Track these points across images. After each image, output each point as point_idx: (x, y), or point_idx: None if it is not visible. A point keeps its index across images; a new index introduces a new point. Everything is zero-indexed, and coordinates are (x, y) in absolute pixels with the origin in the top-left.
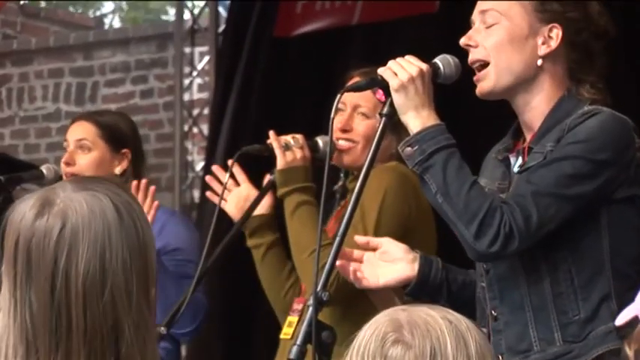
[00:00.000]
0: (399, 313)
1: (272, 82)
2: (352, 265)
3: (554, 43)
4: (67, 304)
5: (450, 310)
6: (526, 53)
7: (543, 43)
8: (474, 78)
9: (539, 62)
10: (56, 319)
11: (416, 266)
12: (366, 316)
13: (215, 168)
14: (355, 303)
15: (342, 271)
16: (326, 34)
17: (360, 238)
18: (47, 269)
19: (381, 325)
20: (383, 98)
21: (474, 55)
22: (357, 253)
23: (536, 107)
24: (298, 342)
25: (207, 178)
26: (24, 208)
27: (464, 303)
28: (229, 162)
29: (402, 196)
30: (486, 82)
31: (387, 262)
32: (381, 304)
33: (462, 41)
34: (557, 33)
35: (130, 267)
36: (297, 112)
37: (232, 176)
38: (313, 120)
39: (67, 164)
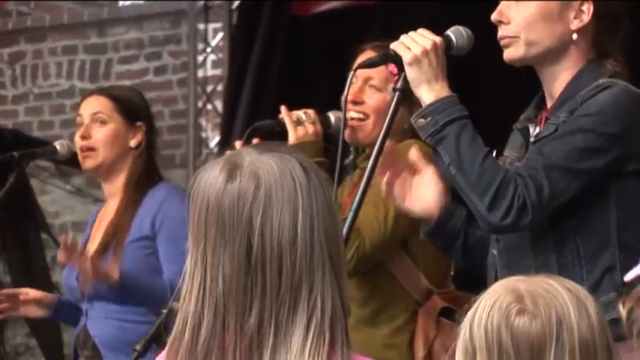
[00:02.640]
0: (517, 283)
1: (289, 59)
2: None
3: (586, 18)
4: (262, 265)
5: (565, 279)
6: (559, 29)
7: (575, 18)
8: (501, 43)
9: (574, 37)
10: (251, 280)
11: (445, 205)
12: (391, 296)
13: (238, 144)
14: (379, 282)
15: (388, 190)
16: (343, 12)
17: (413, 155)
18: (243, 231)
19: (502, 295)
20: (394, 70)
21: (504, 32)
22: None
23: (562, 78)
24: None
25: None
26: (211, 175)
27: (477, 258)
28: (237, 143)
29: None
30: (515, 50)
31: (419, 191)
32: (406, 281)
33: (493, 17)
34: (588, 7)
35: (320, 224)
36: (314, 89)
37: None
38: (330, 97)
39: (83, 137)
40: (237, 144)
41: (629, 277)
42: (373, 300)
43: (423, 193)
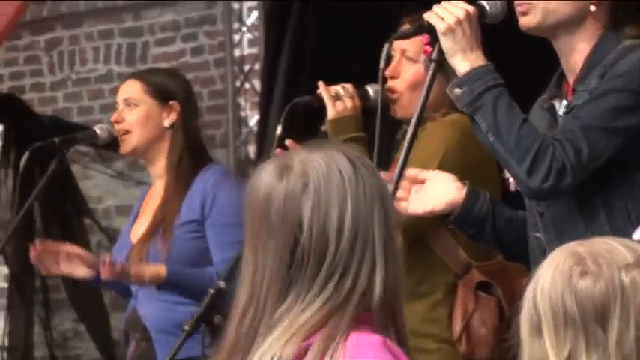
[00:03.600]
0: (576, 247)
1: (324, 34)
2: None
3: None
4: (307, 258)
5: (624, 238)
6: None
7: None
8: (518, 9)
9: (592, 8)
10: (292, 272)
11: (463, 193)
12: (430, 269)
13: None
14: (418, 255)
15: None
16: None
17: (410, 171)
18: (290, 228)
19: (562, 260)
20: (424, 40)
21: None
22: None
23: (579, 49)
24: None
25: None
26: (263, 175)
27: (509, 240)
28: (278, 131)
29: (463, 153)
30: (531, 18)
31: (433, 190)
32: (445, 255)
33: None
34: None
35: (368, 213)
36: (349, 63)
37: (285, 130)
38: (367, 71)
39: (117, 122)
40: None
41: (637, 235)
42: (412, 273)
43: (440, 189)
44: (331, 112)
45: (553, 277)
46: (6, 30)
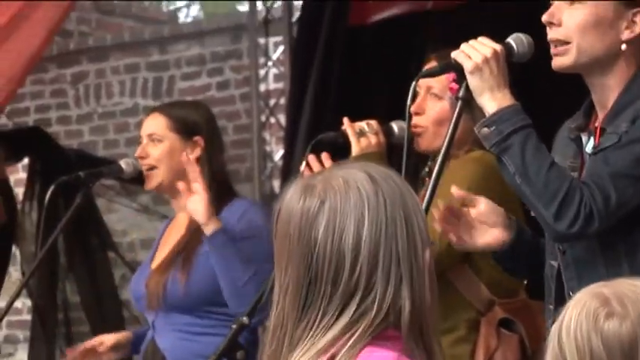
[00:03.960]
0: (600, 288)
1: (349, 70)
2: (450, 225)
3: (637, 29)
4: (320, 276)
5: None
6: (609, 37)
7: (627, 28)
8: (552, 51)
9: (623, 47)
10: (308, 291)
11: (512, 232)
12: (453, 306)
13: (311, 158)
14: (441, 292)
15: (444, 232)
16: (401, 20)
17: (456, 192)
18: (306, 247)
19: (587, 302)
20: (450, 78)
21: (554, 35)
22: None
23: (610, 87)
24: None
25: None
26: (287, 197)
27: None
28: (305, 154)
29: (487, 189)
30: (565, 59)
31: (483, 224)
32: (468, 292)
33: (544, 18)
34: None
35: (390, 232)
36: (374, 99)
37: (309, 166)
38: (391, 107)
39: (141, 157)
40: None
41: None
42: None
43: (487, 225)
44: (355, 149)
45: (578, 318)
46: (31, 63)
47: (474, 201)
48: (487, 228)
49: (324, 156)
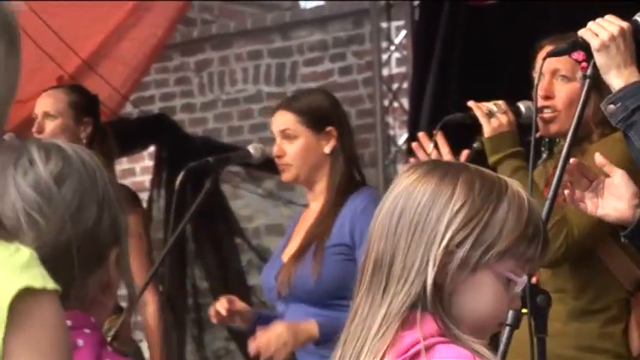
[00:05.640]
0: None
1: (471, 51)
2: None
3: None
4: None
5: None
6: None
7: None
8: None
9: None
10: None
11: (637, 213)
12: (604, 286)
13: (421, 135)
14: (592, 273)
15: (569, 194)
16: (519, 2)
17: (599, 159)
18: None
19: None
20: (579, 58)
21: None
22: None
23: None
24: None
25: (414, 145)
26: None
27: None
28: (434, 132)
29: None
30: None
31: (611, 195)
32: (618, 271)
33: None
34: None
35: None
36: (496, 80)
37: (436, 146)
38: (513, 87)
39: (279, 157)
40: (421, 135)
41: None
42: (587, 291)
43: (615, 197)
44: (487, 130)
45: None
46: (154, 52)
47: (611, 171)
48: (614, 200)
49: (441, 141)
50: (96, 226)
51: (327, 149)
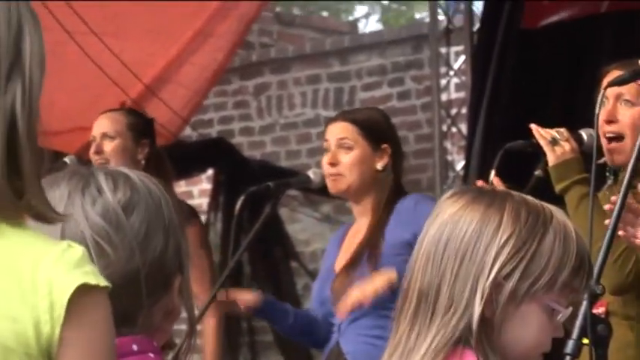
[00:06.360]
0: None
1: (523, 75)
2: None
3: None
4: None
5: None
6: None
7: None
8: None
9: None
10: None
11: None
12: None
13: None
14: None
15: (622, 235)
16: (574, 23)
17: None
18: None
19: None
20: None
21: None
22: None
23: None
24: (573, 336)
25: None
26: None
27: None
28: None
29: None
30: None
31: None
32: None
33: None
34: None
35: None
36: (548, 103)
37: (498, 175)
38: (566, 111)
39: (332, 164)
40: (493, 176)
41: None
42: None
43: None
44: (551, 158)
45: None
46: (215, 76)
47: None
48: None
49: (496, 181)
50: (162, 254)
51: (379, 165)
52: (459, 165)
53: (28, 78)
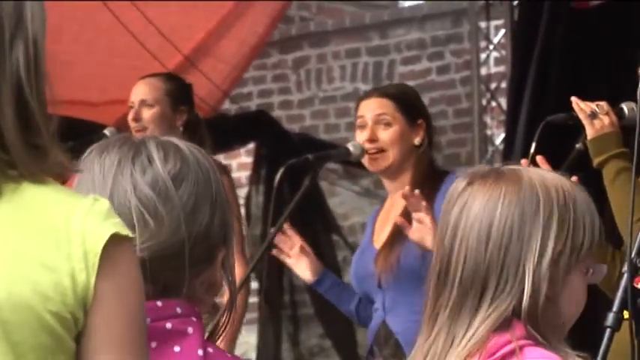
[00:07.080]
0: None
1: (571, 53)
2: None
3: None
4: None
5: None
6: None
7: None
8: None
9: None
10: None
11: None
12: None
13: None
14: None
15: None
16: (624, 4)
17: None
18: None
19: None
20: None
21: None
22: None
23: None
24: (614, 309)
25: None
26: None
27: None
28: (532, 152)
29: None
30: None
31: None
32: None
33: None
34: None
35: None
36: (596, 81)
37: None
38: (614, 89)
39: (371, 141)
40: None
41: None
42: None
43: None
44: (590, 131)
45: None
46: (254, 50)
47: None
48: None
49: (540, 160)
50: (208, 228)
51: (416, 141)
52: (498, 139)
53: (31, 40)
